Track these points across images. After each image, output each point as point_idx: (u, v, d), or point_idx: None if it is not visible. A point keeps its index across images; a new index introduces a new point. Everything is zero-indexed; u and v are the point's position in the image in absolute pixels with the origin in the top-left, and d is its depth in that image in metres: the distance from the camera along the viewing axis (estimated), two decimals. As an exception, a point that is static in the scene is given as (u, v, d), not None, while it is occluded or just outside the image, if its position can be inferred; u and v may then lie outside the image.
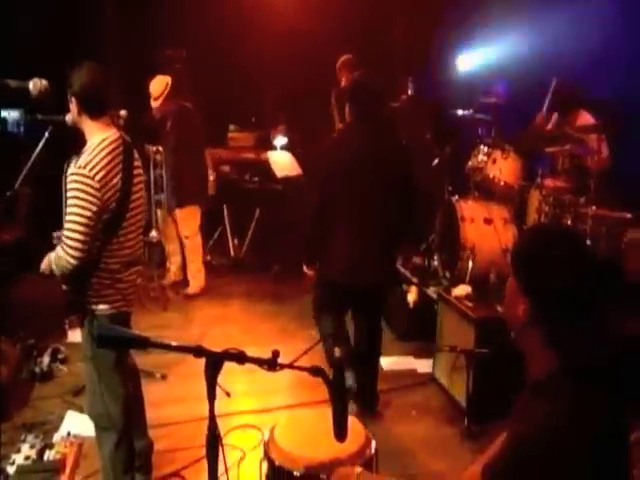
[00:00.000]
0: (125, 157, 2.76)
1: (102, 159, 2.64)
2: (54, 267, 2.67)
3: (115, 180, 2.68)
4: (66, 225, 2.61)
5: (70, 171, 2.62)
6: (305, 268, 3.72)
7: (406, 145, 4.05)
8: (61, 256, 2.62)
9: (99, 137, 2.71)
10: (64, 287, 2.76)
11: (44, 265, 2.75)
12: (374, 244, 3.51)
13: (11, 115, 4.07)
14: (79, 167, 2.60)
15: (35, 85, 2.76)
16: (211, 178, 5.83)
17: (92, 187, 2.59)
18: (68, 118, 2.82)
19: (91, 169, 2.60)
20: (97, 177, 2.60)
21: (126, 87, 5.36)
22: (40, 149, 2.89)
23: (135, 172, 2.83)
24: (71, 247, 2.59)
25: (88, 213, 2.59)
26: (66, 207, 2.63)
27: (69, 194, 2.61)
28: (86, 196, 2.58)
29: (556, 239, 1.51)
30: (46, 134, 2.85)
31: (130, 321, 2.98)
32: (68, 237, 2.60)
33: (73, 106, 2.74)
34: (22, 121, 3.09)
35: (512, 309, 1.51)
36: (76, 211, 2.59)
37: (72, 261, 2.61)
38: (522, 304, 1.48)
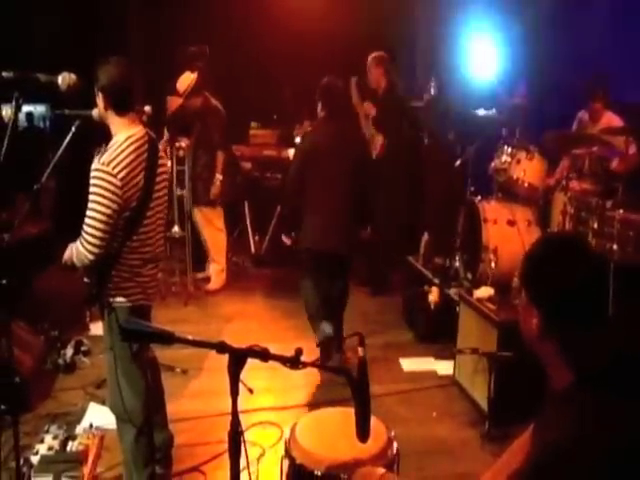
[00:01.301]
0: (150, 154, 2.77)
1: (126, 157, 2.66)
2: (75, 259, 2.71)
3: (138, 178, 2.70)
4: (86, 220, 2.63)
5: (93, 166, 2.64)
6: (283, 237, 4.73)
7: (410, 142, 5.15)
8: (80, 250, 2.65)
9: (125, 134, 2.72)
10: (85, 280, 2.78)
11: (66, 256, 2.78)
12: (340, 218, 4.24)
13: (37, 110, 4.12)
14: (102, 164, 2.62)
15: (64, 79, 2.77)
16: (217, 183, 5.65)
17: (114, 185, 2.61)
18: (95, 113, 2.84)
19: (114, 167, 2.62)
20: (120, 175, 2.62)
21: (149, 83, 5.40)
22: (66, 144, 2.91)
23: (159, 170, 2.84)
24: (89, 243, 2.62)
25: (108, 211, 2.61)
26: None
27: (91, 189, 2.63)
28: (107, 193, 2.60)
29: (558, 248, 1.50)
30: (73, 129, 2.87)
31: (150, 315, 3.00)
32: (87, 232, 2.62)
33: (100, 101, 2.75)
34: (48, 116, 3.12)
35: (526, 323, 1.50)
36: (96, 208, 2.61)
37: (90, 256, 2.64)
38: (534, 317, 1.46)
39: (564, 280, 1.42)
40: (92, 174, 2.63)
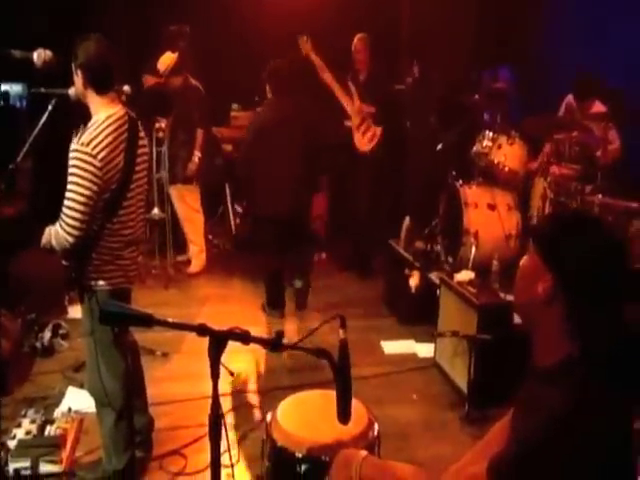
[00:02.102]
0: (130, 135, 2.72)
1: (106, 137, 2.60)
2: (53, 242, 2.65)
3: (117, 159, 2.64)
4: (65, 202, 2.57)
5: (72, 147, 2.57)
6: (236, 205, 5.70)
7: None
8: (59, 233, 2.59)
9: (104, 113, 2.66)
10: (64, 262, 2.73)
11: (45, 239, 2.73)
12: (286, 186, 4.70)
13: (13, 89, 4.02)
14: (82, 144, 2.55)
15: (39, 56, 2.71)
16: (195, 159, 5.62)
17: (94, 166, 2.55)
18: (72, 92, 2.77)
19: (94, 147, 2.55)
20: (99, 156, 2.56)
21: (129, 62, 5.31)
22: (43, 123, 2.84)
23: (139, 151, 2.79)
24: (69, 225, 2.57)
25: (88, 192, 2.55)
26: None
27: (70, 170, 2.57)
28: (87, 174, 2.54)
29: (593, 223, 1.49)
30: (49, 107, 2.81)
31: (130, 298, 2.97)
32: (66, 215, 2.57)
33: (78, 79, 2.68)
34: (25, 95, 3.05)
35: (530, 287, 1.47)
36: (76, 189, 2.55)
37: (70, 239, 2.58)
38: (543, 282, 1.44)
39: (589, 249, 1.41)
40: (71, 154, 2.57)
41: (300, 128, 4.74)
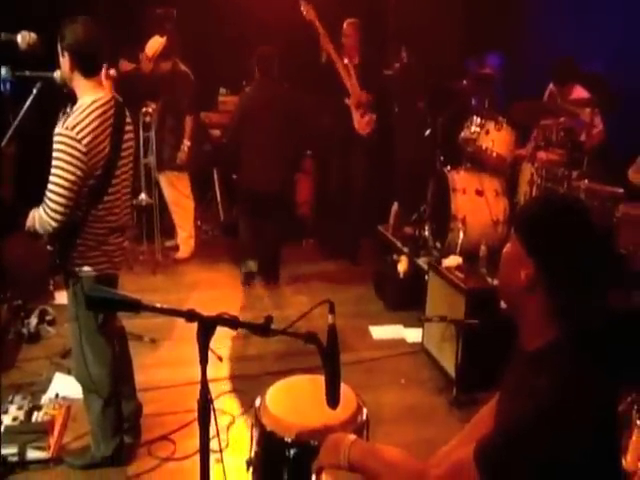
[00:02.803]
0: (116, 120, 2.69)
1: (92, 122, 2.57)
2: (37, 226, 2.63)
3: (103, 145, 2.61)
4: (49, 186, 2.54)
5: (57, 131, 2.54)
6: (234, 176, 5.75)
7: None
8: (43, 217, 2.57)
9: (90, 97, 2.63)
10: (49, 248, 2.71)
11: (29, 222, 2.70)
12: (272, 162, 5.13)
13: (-3, 72, 3.93)
14: (66, 128, 2.52)
15: (24, 38, 2.67)
16: (185, 148, 5.57)
17: (78, 150, 2.52)
18: (57, 75, 2.73)
19: (79, 132, 2.52)
20: (84, 141, 2.53)
21: (115, 46, 5.24)
22: (28, 107, 2.80)
23: (126, 137, 2.76)
24: (52, 210, 2.54)
25: (72, 177, 2.52)
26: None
27: (54, 154, 2.53)
28: (71, 159, 2.51)
29: (573, 208, 1.49)
30: (34, 91, 2.76)
31: (117, 284, 2.95)
32: (50, 199, 2.54)
33: (65, 62, 2.63)
34: (9, 78, 3.00)
35: (512, 274, 1.48)
36: (60, 174, 2.52)
37: (53, 223, 2.56)
38: (525, 268, 1.45)
39: (569, 234, 1.43)
40: (55, 139, 2.53)
41: (282, 111, 5.13)
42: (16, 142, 4.02)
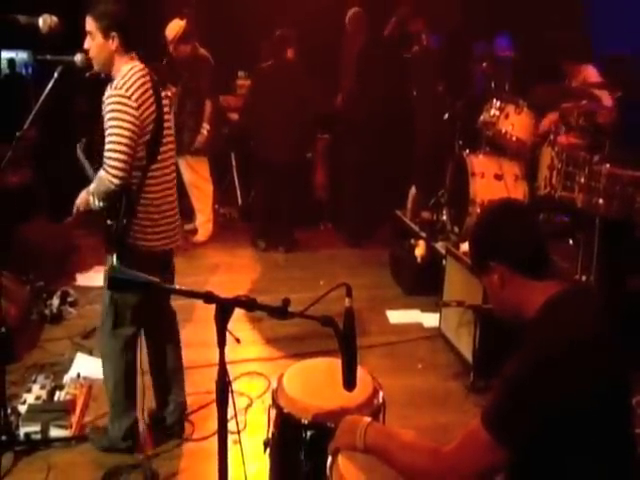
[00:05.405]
0: (154, 86, 2.75)
1: (136, 81, 2.66)
2: (93, 197, 2.66)
3: (150, 102, 2.69)
4: (107, 146, 2.60)
5: (107, 94, 2.63)
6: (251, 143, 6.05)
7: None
8: (103, 178, 2.60)
9: (128, 66, 2.70)
10: (108, 222, 2.70)
11: (80, 200, 2.75)
12: (284, 134, 5.52)
13: (19, 56, 3.98)
14: (115, 88, 2.61)
15: (45, 21, 2.69)
16: (204, 132, 5.59)
17: (130, 107, 2.60)
18: (78, 58, 2.76)
19: (127, 89, 2.62)
20: (134, 97, 2.62)
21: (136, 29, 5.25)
22: (49, 90, 2.83)
23: (165, 109, 2.82)
24: (113, 167, 2.59)
25: (128, 133, 2.60)
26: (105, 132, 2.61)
27: (108, 116, 2.61)
28: (125, 116, 2.59)
29: (493, 211, 1.79)
30: (55, 75, 2.78)
31: (173, 259, 3.04)
32: (110, 157, 2.59)
33: (111, 43, 2.67)
34: (31, 62, 3.02)
35: (491, 289, 1.71)
36: (117, 132, 2.59)
37: (115, 181, 2.59)
38: (494, 274, 1.65)
39: (508, 227, 1.66)
40: (106, 101, 2.62)
41: (292, 88, 5.50)
42: (37, 126, 4.06)
